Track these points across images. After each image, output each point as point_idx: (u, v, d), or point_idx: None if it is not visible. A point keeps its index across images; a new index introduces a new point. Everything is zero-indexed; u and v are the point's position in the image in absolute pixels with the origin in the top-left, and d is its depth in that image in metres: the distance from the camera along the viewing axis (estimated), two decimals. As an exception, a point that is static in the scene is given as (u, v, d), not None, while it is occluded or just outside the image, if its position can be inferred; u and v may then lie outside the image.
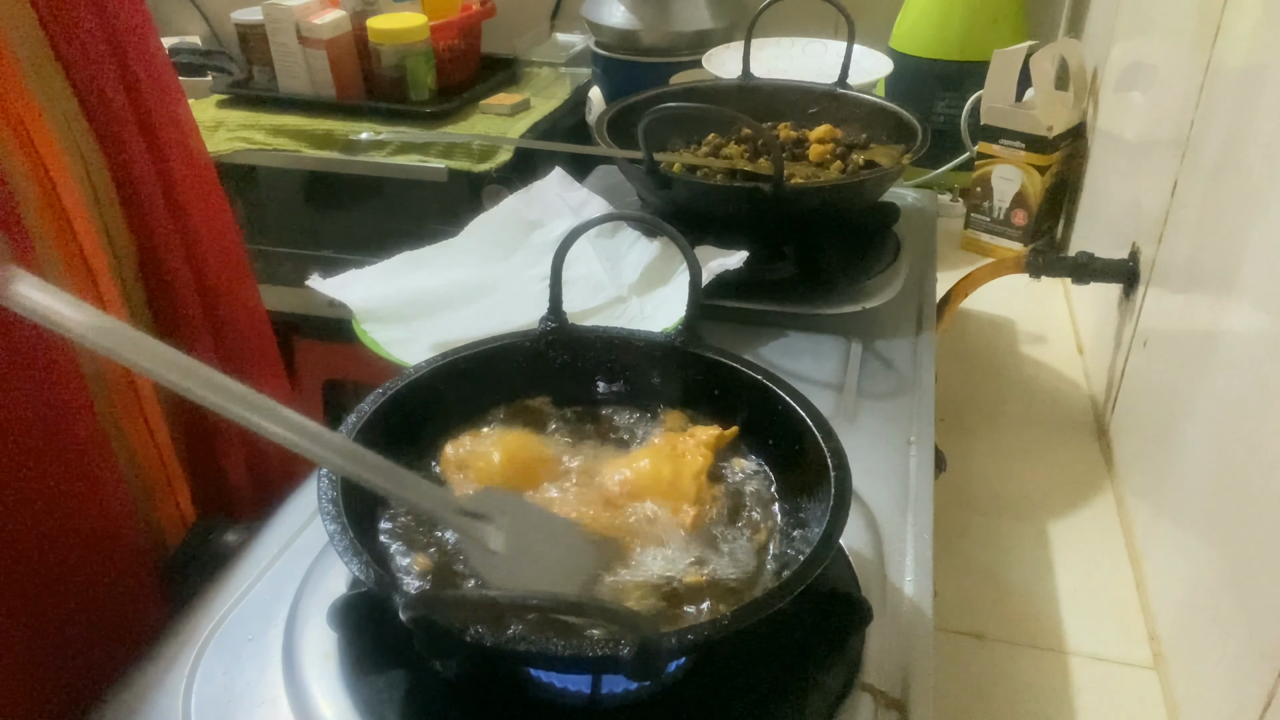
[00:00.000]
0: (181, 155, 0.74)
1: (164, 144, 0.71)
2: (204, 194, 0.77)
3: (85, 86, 0.64)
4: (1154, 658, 0.67)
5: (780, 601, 0.42)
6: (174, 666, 0.51)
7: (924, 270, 0.91)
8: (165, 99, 0.72)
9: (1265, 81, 0.62)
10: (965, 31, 1.26)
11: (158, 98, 0.71)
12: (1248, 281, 0.60)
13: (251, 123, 1.45)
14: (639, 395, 0.61)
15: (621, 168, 0.92)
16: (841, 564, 0.55)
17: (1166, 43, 0.89)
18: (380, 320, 0.75)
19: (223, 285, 0.78)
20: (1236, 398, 0.60)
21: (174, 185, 0.72)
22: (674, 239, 0.59)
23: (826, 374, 0.76)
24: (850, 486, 0.48)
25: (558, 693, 0.47)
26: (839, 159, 0.94)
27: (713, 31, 1.40)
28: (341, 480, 0.47)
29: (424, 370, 0.56)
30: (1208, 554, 0.62)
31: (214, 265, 0.76)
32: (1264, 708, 0.49)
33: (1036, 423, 0.93)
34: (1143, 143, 0.92)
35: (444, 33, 1.48)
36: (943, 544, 0.61)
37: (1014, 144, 1.14)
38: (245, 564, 0.58)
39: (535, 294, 0.77)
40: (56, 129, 0.61)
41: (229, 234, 0.81)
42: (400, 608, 0.39)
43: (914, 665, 0.51)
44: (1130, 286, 0.87)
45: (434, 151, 1.38)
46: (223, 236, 0.79)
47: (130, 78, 0.68)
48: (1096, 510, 0.81)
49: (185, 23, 1.82)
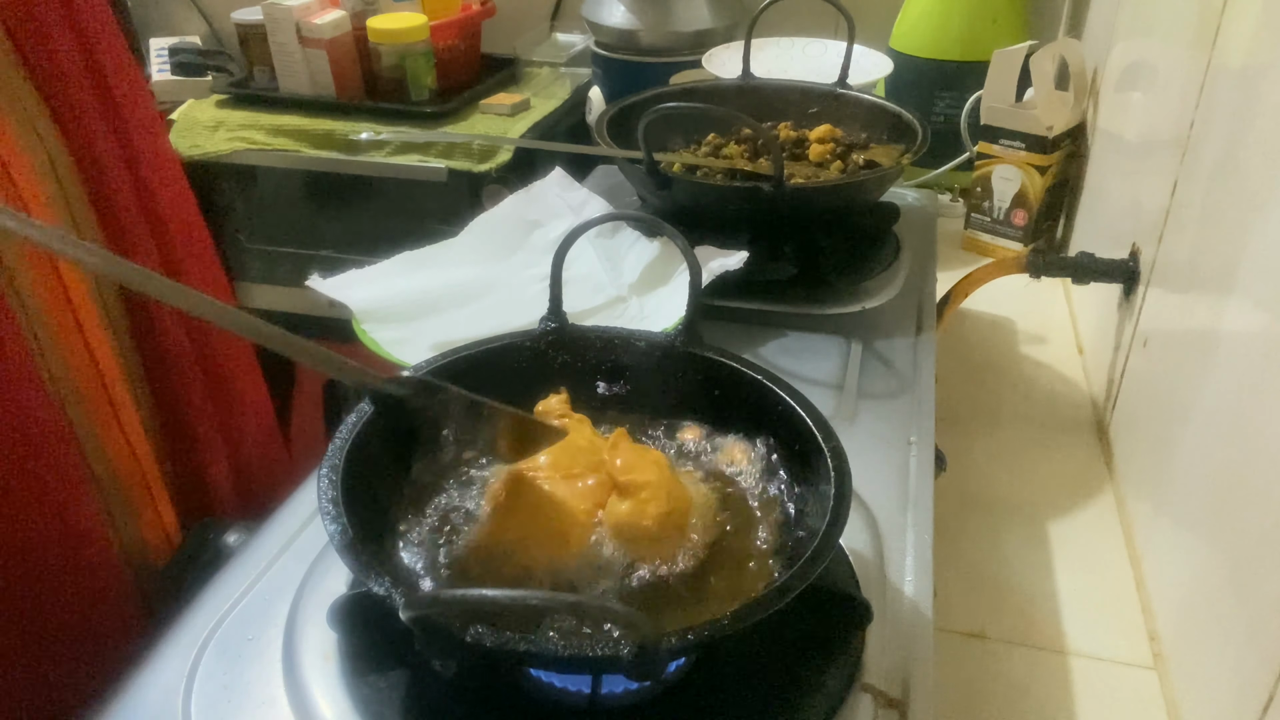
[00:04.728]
0: (148, 144, 0.73)
1: (130, 133, 0.71)
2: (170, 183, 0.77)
3: (46, 77, 0.63)
4: (1154, 658, 0.67)
5: (780, 601, 0.42)
6: (174, 666, 0.51)
7: (924, 270, 0.91)
8: (130, 90, 0.72)
9: (1265, 81, 0.62)
10: (965, 31, 1.26)
11: (123, 88, 0.71)
12: (1248, 281, 0.60)
13: (251, 123, 1.46)
14: (639, 395, 0.61)
15: (621, 168, 0.92)
16: (841, 564, 0.55)
17: (1166, 43, 0.89)
18: (380, 320, 0.75)
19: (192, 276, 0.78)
20: (1236, 398, 0.60)
21: (141, 175, 0.72)
22: (674, 239, 0.59)
23: (826, 374, 0.76)
24: (850, 486, 0.48)
25: (558, 693, 0.47)
26: (839, 159, 0.94)
27: (713, 31, 1.40)
28: (342, 480, 0.47)
29: (424, 370, 0.56)
30: (1208, 554, 0.61)
31: (182, 254, 0.76)
32: (1264, 708, 0.49)
33: (1036, 423, 0.93)
34: (1143, 143, 0.92)
35: (444, 33, 1.48)
36: (943, 544, 0.61)
37: (1014, 144, 1.14)
38: (245, 564, 0.58)
39: (535, 294, 0.77)
40: (15, 120, 0.61)
41: (195, 223, 0.81)
42: (400, 608, 0.39)
43: (914, 665, 0.51)
44: (1130, 286, 0.87)
45: (434, 151, 1.38)
46: (189, 226, 0.79)
47: (95, 67, 0.67)
48: (1096, 510, 0.81)
49: (185, 23, 1.82)
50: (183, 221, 0.78)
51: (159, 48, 1.63)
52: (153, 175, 0.73)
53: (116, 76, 0.69)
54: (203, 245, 0.82)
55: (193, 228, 0.80)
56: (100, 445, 0.65)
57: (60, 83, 0.64)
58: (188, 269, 0.77)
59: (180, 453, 0.75)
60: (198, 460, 0.76)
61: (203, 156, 1.44)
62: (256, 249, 1.54)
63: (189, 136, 1.45)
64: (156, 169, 0.74)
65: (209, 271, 0.82)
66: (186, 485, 0.75)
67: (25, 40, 0.62)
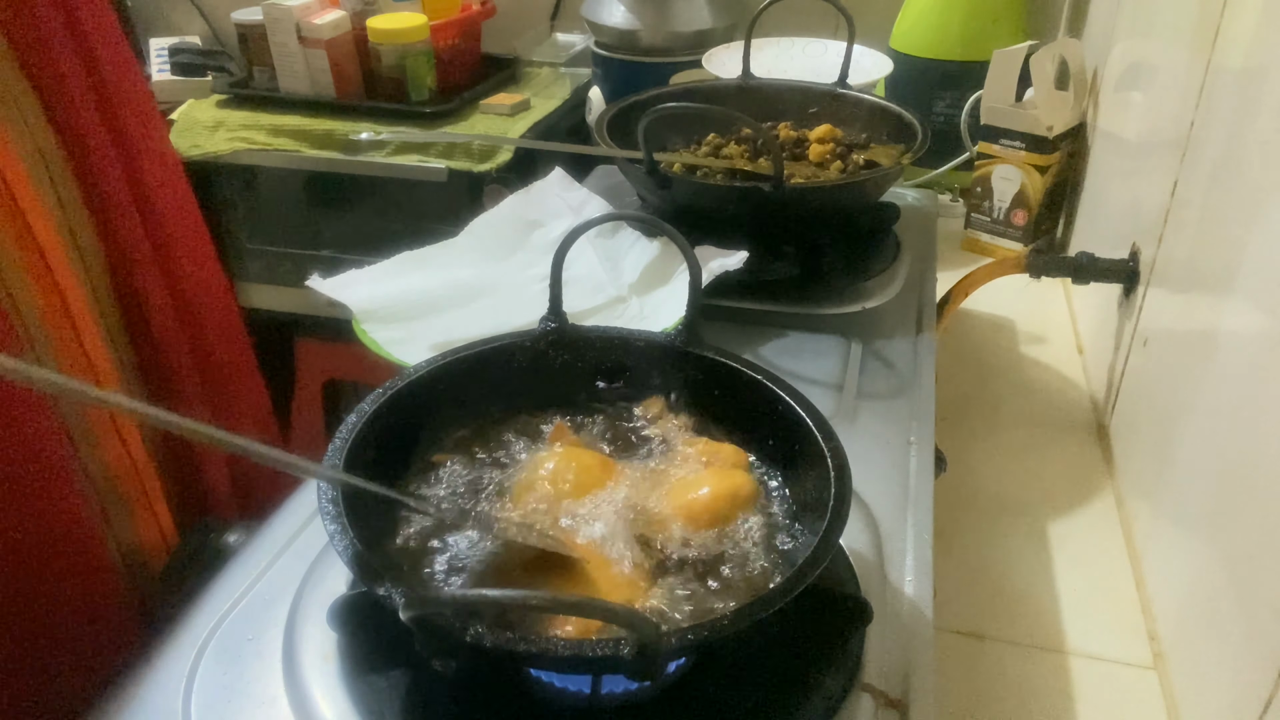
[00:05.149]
0: (150, 155, 0.73)
1: (131, 143, 0.70)
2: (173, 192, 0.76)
3: (45, 82, 0.63)
4: (1154, 658, 0.67)
5: (780, 601, 0.42)
6: (174, 666, 0.51)
7: (924, 270, 0.91)
8: (132, 97, 0.71)
9: (1265, 82, 0.62)
10: (965, 31, 1.26)
11: (123, 91, 0.70)
12: (1248, 281, 0.60)
13: (251, 123, 1.45)
14: (639, 396, 0.61)
15: (621, 168, 0.92)
16: (841, 564, 0.55)
17: (1166, 43, 0.89)
18: (380, 320, 0.75)
19: (196, 286, 0.78)
20: (1236, 397, 0.60)
21: (143, 186, 0.71)
22: (674, 239, 0.59)
23: (826, 374, 0.76)
24: (850, 486, 0.48)
25: (558, 693, 0.47)
26: (839, 159, 0.94)
27: (713, 31, 1.40)
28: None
29: (424, 370, 0.56)
30: (1208, 554, 0.61)
31: (185, 265, 0.76)
32: (1264, 708, 0.49)
33: (1036, 423, 0.93)
34: (1143, 143, 0.92)
35: (444, 33, 1.48)
36: (943, 544, 0.61)
37: (1014, 144, 1.14)
38: (245, 564, 0.58)
39: (535, 294, 0.77)
40: (12, 126, 0.60)
41: (199, 232, 0.81)
42: (400, 608, 0.39)
43: (914, 665, 0.51)
44: (1130, 286, 0.87)
45: (434, 151, 1.38)
46: (193, 235, 0.79)
47: (95, 71, 0.67)
48: (1096, 510, 0.81)
49: (185, 23, 1.82)
50: (182, 224, 0.77)
51: (159, 48, 1.64)
52: (152, 179, 0.72)
53: (117, 79, 0.69)
54: (202, 247, 0.81)
55: (193, 230, 0.80)
56: (95, 448, 0.64)
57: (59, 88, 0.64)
58: (186, 271, 0.77)
59: (177, 456, 0.74)
60: (195, 463, 0.76)
61: (203, 156, 1.44)
62: (256, 249, 1.54)
63: (189, 136, 1.45)
64: (156, 172, 0.73)
65: (208, 273, 0.82)
66: (183, 488, 0.75)
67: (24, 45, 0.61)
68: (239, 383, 0.86)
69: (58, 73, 0.64)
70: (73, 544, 0.62)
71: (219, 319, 0.82)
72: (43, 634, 0.61)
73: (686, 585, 0.48)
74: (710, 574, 0.49)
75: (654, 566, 0.49)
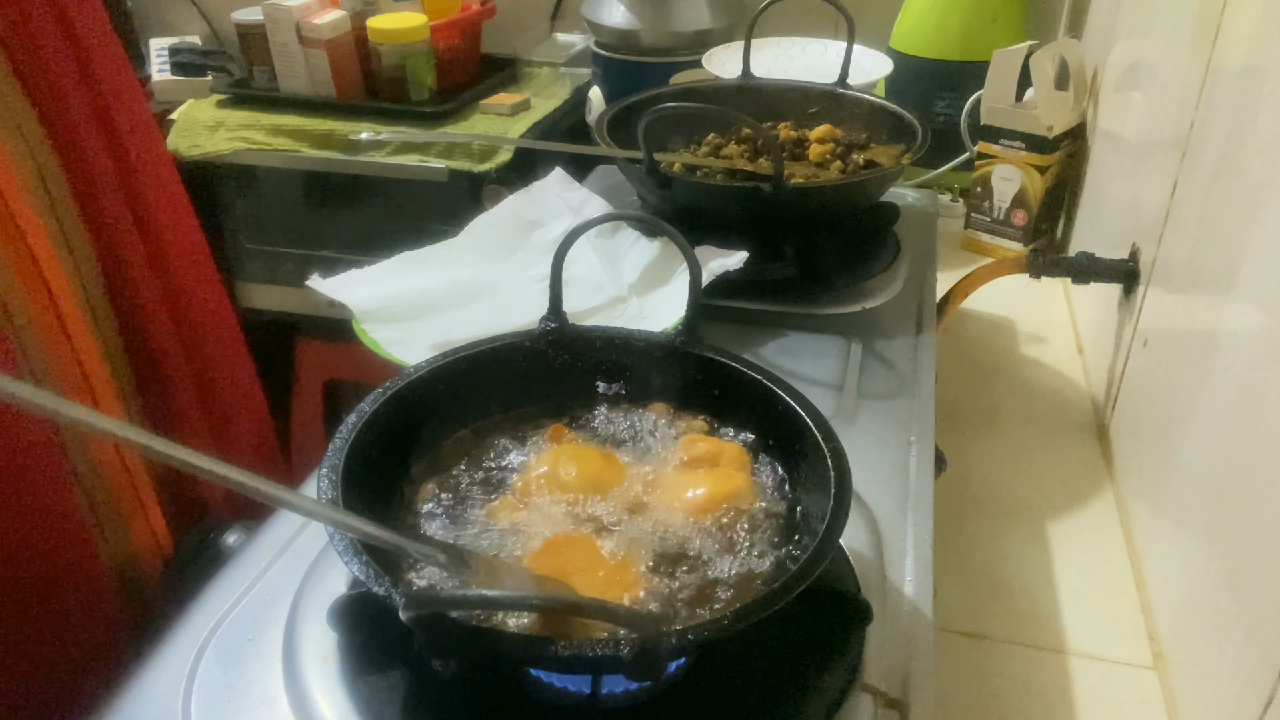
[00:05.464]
0: (141, 151, 0.73)
1: (123, 142, 0.70)
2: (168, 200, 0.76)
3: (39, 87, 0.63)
4: (1154, 658, 0.67)
5: (780, 601, 0.42)
6: (174, 666, 0.51)
7: (924, 270, 0.91)
8: (127, 103, 0.71)
9: (1265, 82, 0.62)
10: (965, 31, 1.26)
11: (117, 95, 0.70)
12: (1248, 281, 0.60)
13: (251, 123, 1.45)
14: (639, 395, 0.61)
15: (621, 168, 0.92)
16: (841, 564, 0.55)
17: (1166, 43, 0.89)
18: (380, 320, 0.75)
19: (192, 295, 0.77)
20: (1236, 397, 0.60)
21: (139, 195, 0.71)
22: (674, 239, 0.59)
23: (826, 374, 0.76)
24: (850, 486, 0.48)
25: (558, 693, 0.47)
26: (839, 159, 0.94)
27: (713, 31, 1.40)
28: (341, 480, 0.47)
29: (424, 370, 0.56)
30: (1208, 554, 0.61)
31: (181, 274, 0.76)
32: (1264, 708, 0.49)
33: (1036, 423, 0.93)
34: (1143, 143, 0.92)
35: (444, 33, 1.48)
36: (943, 544, 0.61)
37: (1014, 144, 1.14)
38: (245, 564, 0.58)
39: (535, 294, 0.77)
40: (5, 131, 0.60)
41: (195, 240, 0.80)
42: (400, 608, 0.39)
43: (914, 665, 0.51)
44: (1130, 286, 0.87)
45: (434, 151, 1.38)
46: (188, 242, 0.79)
47: (88, 76, 0.67)
48: (1096, 510, 0.81)
49: (185, 23, 1.82)
50: (178, 232, 0.77)
51: (159, 48, 1.63)
52: (145, 183, 0.72)
53: (111, 84, 0.69)
54: (199, 255, 0.81)
55: (188, 237, 0.79)
56: (88, 453, 0.64)
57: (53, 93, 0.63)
58: (182, 281, 0.77)
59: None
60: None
61: (203, 156, 1.44)
62: (256, 249, 1.54)
63: (189, 136, 1.45)
64: (149, 176, 0.73)
65: (204, 281, 0.81)
66: (179, 493, 0.74)
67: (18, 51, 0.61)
68: (236, 391, 0.86)
69: (53, 82, 0.63)
70: (66, 548, 0.62)
71: (215, 328, 0.82)
72: (37, 637, 0.60)
73: (686, 585, 0.48)
74: (710, 574, 0.49)
75: (654, 566, 0.49)
